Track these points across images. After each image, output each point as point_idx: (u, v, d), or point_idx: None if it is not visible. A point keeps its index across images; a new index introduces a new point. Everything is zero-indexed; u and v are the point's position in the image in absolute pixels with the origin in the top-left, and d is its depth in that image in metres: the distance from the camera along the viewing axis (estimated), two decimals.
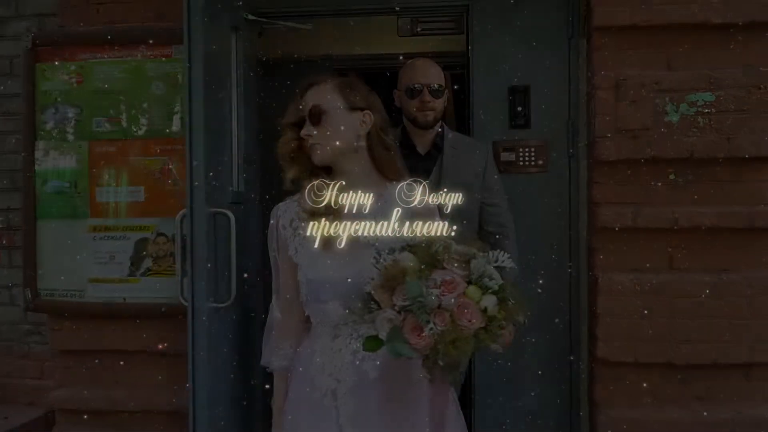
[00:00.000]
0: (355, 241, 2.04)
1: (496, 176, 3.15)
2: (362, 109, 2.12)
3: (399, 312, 1.79)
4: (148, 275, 3.46)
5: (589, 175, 3.39)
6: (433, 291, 1.77)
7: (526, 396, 3.48)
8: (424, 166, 3.02)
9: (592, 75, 3.29)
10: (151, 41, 3.44)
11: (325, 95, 2.10)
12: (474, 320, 1.76)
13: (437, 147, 3.12)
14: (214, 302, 2.87)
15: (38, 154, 3.52)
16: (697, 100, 3.18)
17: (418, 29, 4.75)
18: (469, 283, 1.82)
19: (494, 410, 3.55)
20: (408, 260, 1.83)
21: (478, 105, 3.57)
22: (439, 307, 1.76)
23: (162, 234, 3.45)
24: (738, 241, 3.22)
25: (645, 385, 3.26)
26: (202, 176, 2.77)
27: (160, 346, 3.42)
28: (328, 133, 2.08)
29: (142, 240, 3.46)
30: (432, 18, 4.69)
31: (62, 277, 3.51)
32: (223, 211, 2.95)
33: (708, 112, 3.17)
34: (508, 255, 1.88)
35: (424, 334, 1.75)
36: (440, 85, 3.05)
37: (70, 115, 3.50)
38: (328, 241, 2.02)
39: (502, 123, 3.53)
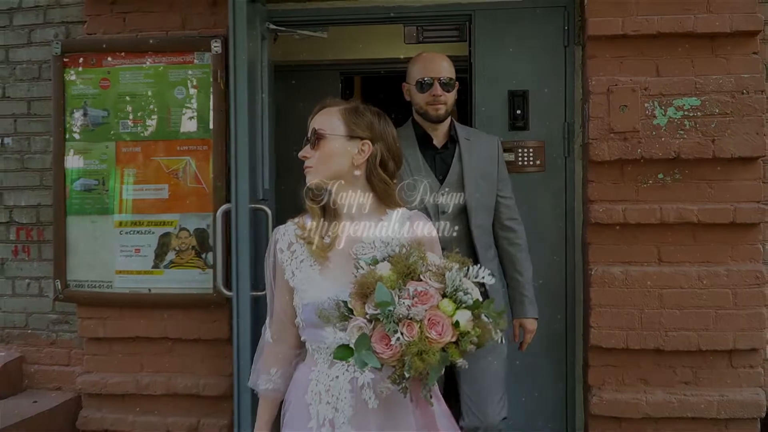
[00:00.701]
0: (352, 267, 1.98)
1: (506, 169, 3.16)
2: (362, 138, 2.06)
3: (369, 321, 1.74)
4: (171, 267, 3.68)
5: (584, 174, 3.60)
6: (405, 301, 1.73)
7: (526, 379, 3.67)
8: (442, 158, 3.05)
9: (586, 81, 3.50)
10: (173, 49, 3.67)
11: (329, 120, 2.07)
12: (444, 334, 1.72)
13: (452, 139, 3.08)
14: (254, 291, 3.15)
15: (68, 154, 3.75)
16: (684, 105, 3.39)
17: (423, 37, 4.93)
18: (444, 296, 1.77)
19: None
20: (385, 270, 1.79)
21: (480, 108, 3.78)
22: (408, 317, 1.71)
23: (184, 229, 3.67)
24: (722, 236, 3.42)
25: (635, 369, 3.48)
26: (246, 175, 3.08)
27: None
28: (323, 157, 2.04)
29: (166, 234, 3.69)
30: (436, 26, 4.88)
31: (91, 270, 3.75)
32: (262, 207, 3.26)
33: (694, 116, 3.38)
34: (489, 271, 1.84)
35: (391, 344, 1.70)
36: (451, 78, 3.01)
37: (98, 117, 3.73)
38: (326, 265, 2.01)
39: (502, 125, 3.73)
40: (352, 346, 1.73)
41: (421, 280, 1.77)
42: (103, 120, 3.72)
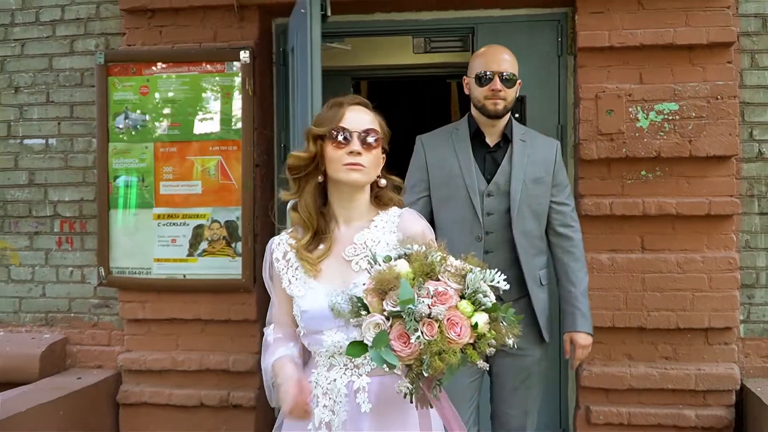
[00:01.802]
0: (347, 270, 2.02)
1: (565, 175, 3.04)
2: (384, 149, 2.09)
3: (387, 318, 1.71)
4: (203, 255, 4.08)
5: (575, 171, 3.99)
6: (425, 300, 1.70)
7: None
8: (493, 157, 2.96)
9: (577, 87, 3.89)
10: (206, 59, 4.07)
11: (376, 122, 2.05)
12: (463, 335, 1.70)
13: (506, 139, 2.96)
14: None
15: (111, 153, 4.15)
16: (664, 109, 3.78)
17: (430, 47, 5.31)
18: (462, 297, 1.75)
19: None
20: (404, 267, 1.77)
21: None
22: (429, 316, 1.69)
23: (215, 221, 4.06)
24: (698, 227, 3.80)
25: (621, 346, 3.87)
26: None
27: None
28: (374, 160, 2.03)
29: (199, 226, 4.08)
30: (442, 38, 5.25)
31: (131, 258, 4.14)
32: None
33: (673, 119, 3.77)
34: (505, 277, 1.81)
35: (410, 342, 1.68)
36: (512, 74, 2.89)
37: (138, 120, 4.13)
38: (321, 272, 2.02)
39: None
40: (366, 342, 1.71)
41: (440, 280, 1.75)
42: (142, 123, 4.12)
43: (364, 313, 1.73)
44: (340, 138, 1.97)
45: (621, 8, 3.80)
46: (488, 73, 2.87)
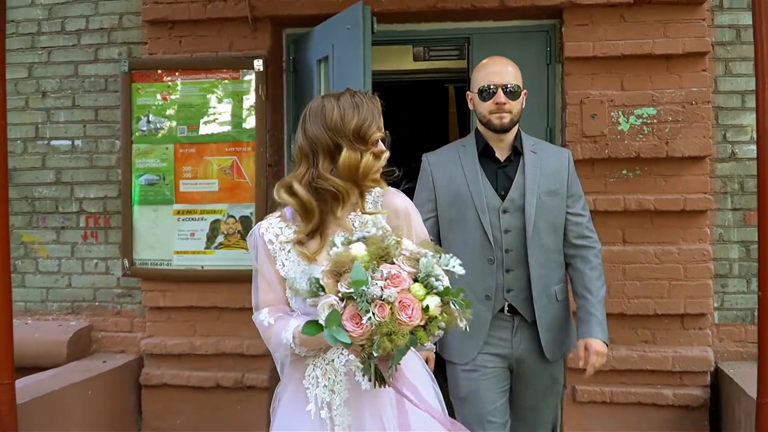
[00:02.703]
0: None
1: (578, 185, 2.97)
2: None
3: (341, 299, 1.76)
4: (220, 248, 4.41)
5: None
6: (378, 282, 1.74)
7: None
8: (505, 173, 2.86)
9: (564, 93, 4.22)
10: (222, 67, 4.41)
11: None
12: (414, 317, 1.74)
13: (517, 152, 2.88)
14: None
15: (134, 154, 4.48)
16: (643, 114, 4.12)
17: (429, 56, 5.65)
18: (416, 281, 1.79)
19: None
20: (360, 250, 1.81)
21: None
22: (381, 298, 1.73)
23: (231, 216, 4.39)
24: (675, 221, 4.14)
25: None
26: None
27: None
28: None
29: (216, 221, 4.41)
30: (440, 47, 5.59)
31: (153, 250, 4.48)
32: None
33: (651, 123, 4.11)
34: (459, 262, 1.86)
35: (362, 323, 1.72)
36: (516, 86, 2.81)
37: (159, 123, 4.46)
38: (314, 253, 2.08)
39: None
40: (321, 322, 1.76)
41: (395, 263, 1.80)
42: (163, 126, 4.46)
43: (321, 293, 1.80)
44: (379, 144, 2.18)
45: (604, 21, 4.14)
46: (491, 86, 2.78)
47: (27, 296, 4.80)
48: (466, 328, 1.88)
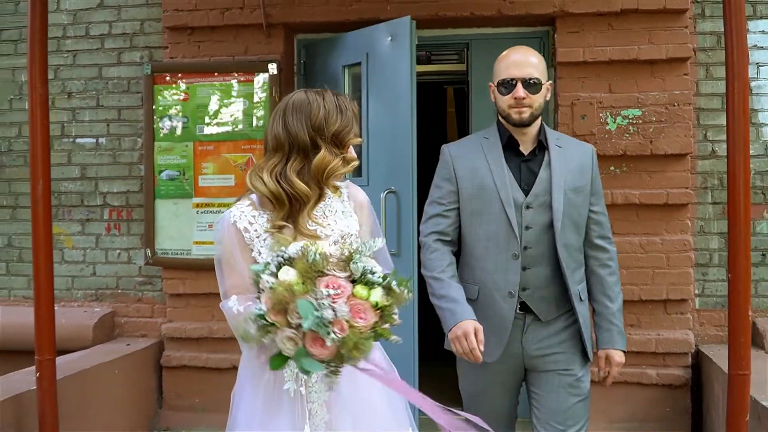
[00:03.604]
0: (312, 239, 2.11)
1: (600, 182, 2.84)
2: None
3: (296, 328, 1.77)
4: None
5: None
6: (325, 302, 1.75)
7: None
8: (528, 167, 2.72)
9: (556, 96, 4.54)
10: (238, 70, 4.72)
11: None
12: (369, 318, 1.79)
13: (541, 146, 2.73)
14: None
15: (156, 151, 4.80)
16: (629, 114, 4.45)
17: (431, 60, 5.95)
18: (354, 282, 1.83)
19: None
20: (291, 276, 1.80)
21: (476, 115, 4.83)
22: (336, 317, 1.75)
23: None
24: (658, 214, 4.46)
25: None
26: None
27: None
28: None
29: None
30: (441, 51, 5.90)
31: (173, 241, 4.80)
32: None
33: (636, 123, 4.44)
34: (382, 238, 2.00)
35: (326, 345, 1.75)
36: (536, 79, 2.65)
37: (179, 123, 4.78)
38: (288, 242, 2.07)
39: None
40: (287, 354, 1.79)
41: (327, 275, 1.82)
42: (183, 125, 4.77)
43: (272, 329, 1.80)
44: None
45: (593, 28, 4.46)
46: (511, 80, 2.65)
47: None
48: (408, 299, 1.96)
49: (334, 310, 1.76)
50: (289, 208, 2.16)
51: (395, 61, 4.26)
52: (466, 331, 2.54)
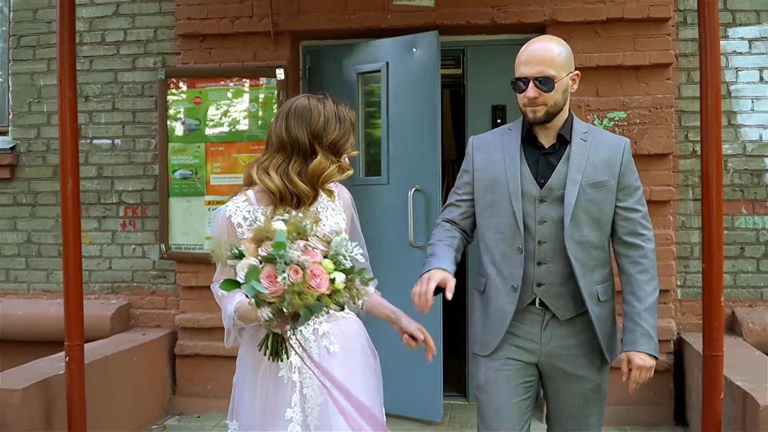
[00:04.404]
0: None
1: (635, 177, 2.65)
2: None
3: (261, 261, 1.94)
4: None
5: None
6: (296, 252, 1.94)
7: None
8: (547, 160, 2.62)
9: None
10: (247, 75, 5.01)
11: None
12: (321, 285, 1.93)
13: (563, 139, 2.62)
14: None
15: (170, 151, 5.08)
16: (615, 116, 4.75)
17: None
18: (326, 257, 1.99)
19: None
20: (280, 225, 1.99)
21: (471, 117, 5.13)
22: (296, 263, 1.92)
23: None
24: None
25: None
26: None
27: None
28: None
29: None
30: None
31: (186, 236, 5.08)
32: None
33: (622, 124, 4.73)
34: (361, 251, 2.06)
35: (277, 282, 1.90)
36: (550, 77, 2.51)
37: (192, 125, 5.06)
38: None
39: (486, 130, 4.99)
40: (239, 279, 1.95)
41: (309, 241, 1.99)
42: (196, 127, 5.05)
43: (239, 256, 1.98)
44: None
45: (581, 36, 4.75)
46: (522, 79, 2.55)
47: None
48: (362, 307, 2.19)
49: (299, 257, 1.93)
50: (290, 205, 2.29)
51: (420, 69, 4.66)
52: (429, 276, 2.46)
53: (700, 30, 3.36)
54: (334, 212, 2.44)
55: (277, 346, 2.14)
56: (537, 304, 2.61)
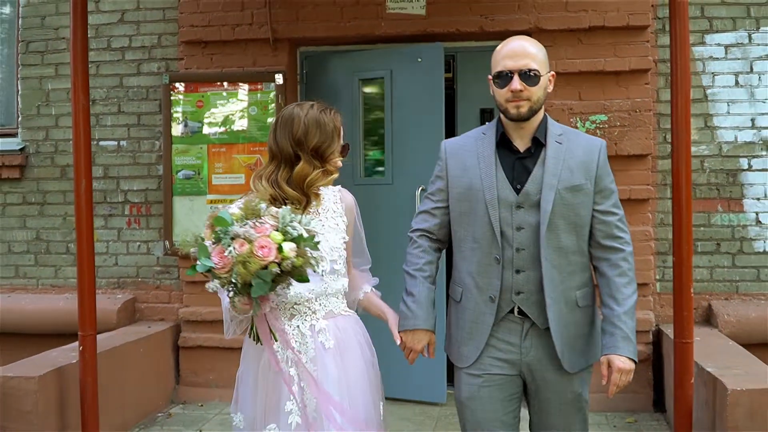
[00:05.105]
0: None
1: (611, 179, 2.63)
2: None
3: (214, 243, 2.12)
4: None
5: None
6: (241, 228, 2.06)
7: None
8: (523, 164, 2.55)
9: None
10: (248, 80, 5.25)
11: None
12: (268, 255, 2.02)
13: (538, 142, 2.55)
14: None
15: (174, 153, 5.32)
16: (596, 119, 5.00)
17: None
18: (277, 230, 2.08)
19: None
20: (235, 210, 2.16)
21: (460, 120, 5.39)
22: (241, 237, 2.05)
23: None
24: (623, 208, 4.99)
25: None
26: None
27: None
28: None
29: None
30: None
31: (189, 233, 5.18)
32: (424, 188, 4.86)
33: (603, 127, 4.99)
34: (317, 221, 2.26)
35: (224, 255, 2.04)
36: (535, 71, 2.47)
37: (195, 127, 5.30)
38: None
39: None
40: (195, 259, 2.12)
41: (262, 220, 2.11)
42: (198, 129, 5.29)
43: (201, 241, 2.16)
44: (343, 156, 2.60)
45: (565, 43, 5.01)
46: (506, 72, 2.48)
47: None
48: (317, 270, 2.23)
49: (243, 232, 2.06)
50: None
51: (426, 77, 4.99)
52: (413, 347, 2.62)
53: (671, 44, 3.58)
54: (335, 215, 2.55)
55: (257, 330, 2.31)
56: (516, 313, 2.54)
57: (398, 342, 2.62)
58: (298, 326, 2.38)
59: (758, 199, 5.14)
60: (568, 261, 2.52)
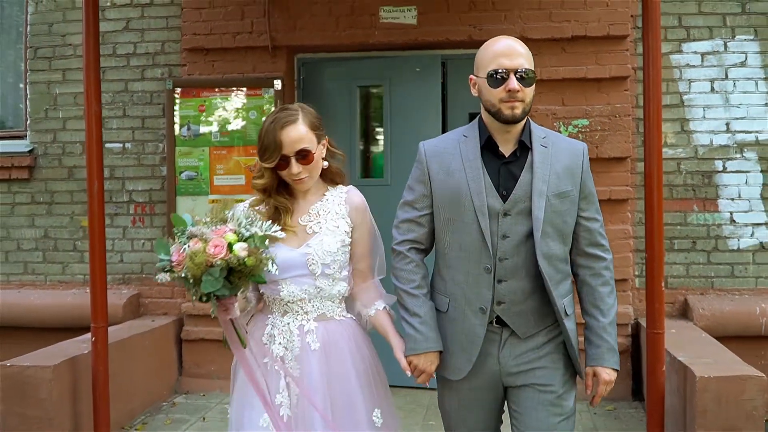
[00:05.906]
0: (302, 232, 2.42)
1: (592, 183, 2.55)
2: (324, 137, 2.49)
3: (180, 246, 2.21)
4: None
5: None
6: (197, 229, 2.18)
7: None
8: (509, 170, 2.44)
9: None
10: (248, 85, 5.51)
11: (304, 136, 2.39)
12: (218, 253, 2.11)
13: (523, 146, 2.44)
14: None
15: (177, 155, 5.57)
16: (579, 124, 5.28)
17: None
18: (235, 233, 2.17)
19: None
20: (205, 219, 2.25)
21: (451, 123, 5.60)
22: (196, 236, 2.16)
23: None
24: (603, 208, 4.67)
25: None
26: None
27: None
28: (313, 168, 2.44)
29: None
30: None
31: None
32: None
33: (585, 131, 5.27)
34: (278, 228, 2.27)
35: (180, 251, 2.15)
36: (530, 71, 2.40)
37: (197, 130, 5.56)
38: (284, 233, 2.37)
39: None
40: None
41: (226, 225, 2.21)
42: (200, 132, 5.55)
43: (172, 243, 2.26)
44: (281, 171, 2.44)
45: (549, 51, 5.28)
46: (502, 71, 2.36)
47: (86, 270, 5.80)
48: (272, 269, 2.22)
49: (199, 232, 2.17)
50: (275, 210, 2.48)
51: (424, 85, 5.31)
52: (426, 369, 2.50)
53: (644, 54, 3.85)
54: (336, 215, 2.52)
55: (225, 336, 2.41)
56: (494, 323, 2.46)
57: (407, 370, 2.50)
58: (288, 324, 2.43)
59: (732, 199, 5.41)
60: (557, 269, 2.43)
